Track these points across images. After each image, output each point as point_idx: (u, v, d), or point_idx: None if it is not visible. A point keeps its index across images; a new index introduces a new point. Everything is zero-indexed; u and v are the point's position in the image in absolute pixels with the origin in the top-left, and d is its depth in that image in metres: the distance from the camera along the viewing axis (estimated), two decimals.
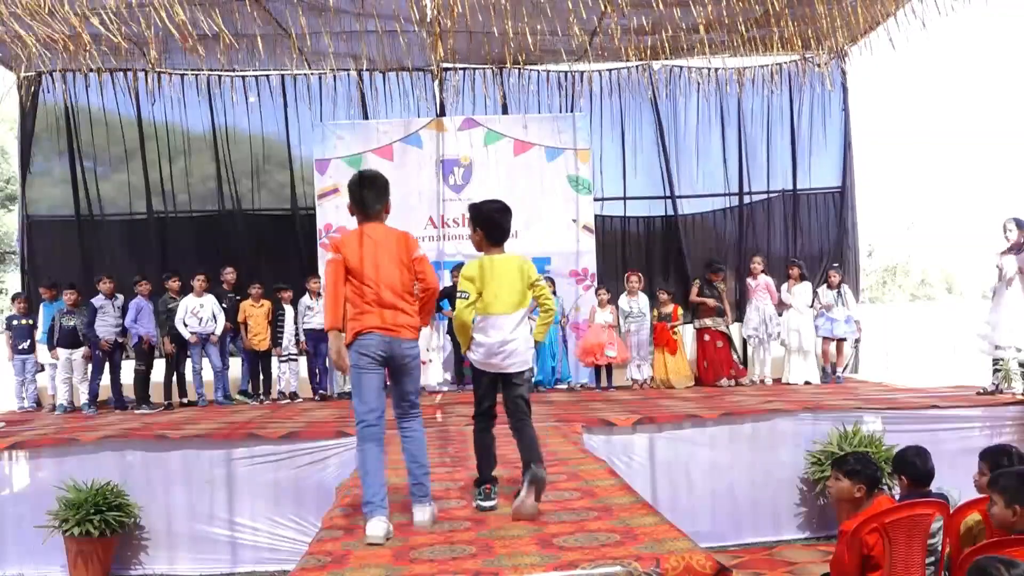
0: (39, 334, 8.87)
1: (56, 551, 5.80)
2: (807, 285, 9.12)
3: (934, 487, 3.62)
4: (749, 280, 9.30)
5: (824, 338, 8.98)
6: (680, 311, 9.24)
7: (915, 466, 3.56)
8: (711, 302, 9.08)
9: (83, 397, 8.32)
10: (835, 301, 8.92)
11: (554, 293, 8.41)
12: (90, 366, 8.36)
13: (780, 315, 9.16)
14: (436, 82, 10.44)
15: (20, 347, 8.87)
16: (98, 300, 8.31)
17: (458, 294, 3.65)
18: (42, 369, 8.99)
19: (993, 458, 3.60)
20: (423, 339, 5.74)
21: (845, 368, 9.34)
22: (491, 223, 3.70)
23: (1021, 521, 2.80)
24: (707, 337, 9.08)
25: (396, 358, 3.39)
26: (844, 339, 9.04)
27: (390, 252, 3.41)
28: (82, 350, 8.31)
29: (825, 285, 9.11)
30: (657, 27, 9.25)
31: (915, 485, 3.56)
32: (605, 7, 8.65)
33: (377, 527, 3.23)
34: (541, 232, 9.64)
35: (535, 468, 3.55)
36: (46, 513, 5.74)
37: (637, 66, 10.50)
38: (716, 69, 10.50)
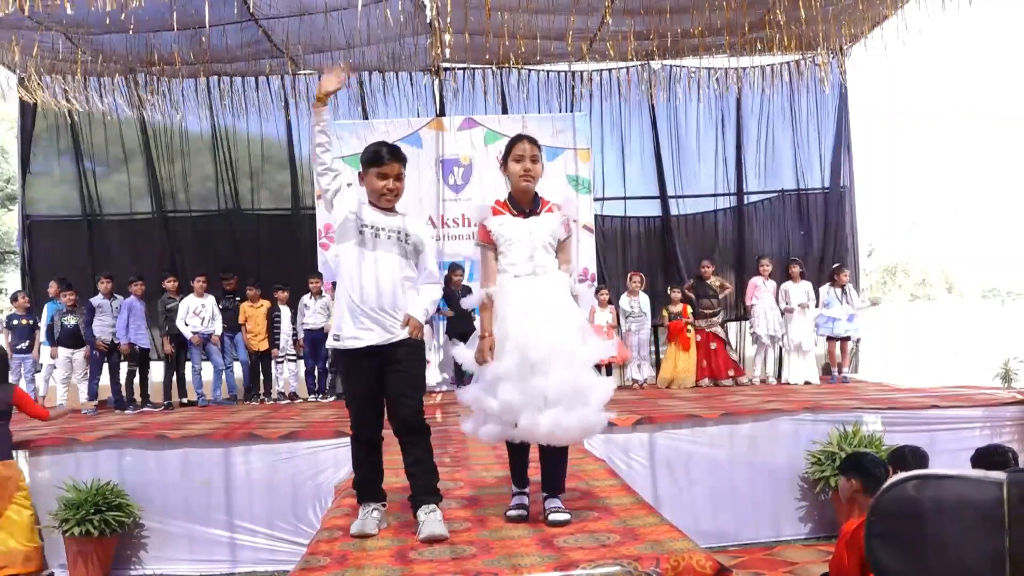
0: (41, 333, 8.83)
1: (56, 551, 5.81)
2: (807, 284, 9.12)
3: None
4: (759, 280, 9.23)
5: (828, 338, 8.99)
6: (690, 309, 9.17)
7: (908, 467, 3.55)
8: (706, 305, 9.04)
9: (82, 397, 8.32)
10: (839, 299, 8.92)
11: None
12: (90, 366, 8.36)
13: (781, 315, 9.16)
14: (436, 82, 10.44)
15: (19, 347, 8.79)
16: (97, 299, 8.31)
17: None
18: (39, 370, 8.95)
19: (983, 460, 3.61)
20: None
21: (849, 367, 9.31)
22: None
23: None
24: (699, 338, 9.04)
25: None
26: (847, 338, 9.04)
27: None
28: (84, 350, 8.32)
29: (829, 284, 9.11)
30: (657, 29, 9.23)
31: None
32: (605, 10, 8.64)
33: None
34: None
35: None
36: (46, 513, 5.74)
37: (637, 66, 10.49)
38: (716, 69, 10.49)
